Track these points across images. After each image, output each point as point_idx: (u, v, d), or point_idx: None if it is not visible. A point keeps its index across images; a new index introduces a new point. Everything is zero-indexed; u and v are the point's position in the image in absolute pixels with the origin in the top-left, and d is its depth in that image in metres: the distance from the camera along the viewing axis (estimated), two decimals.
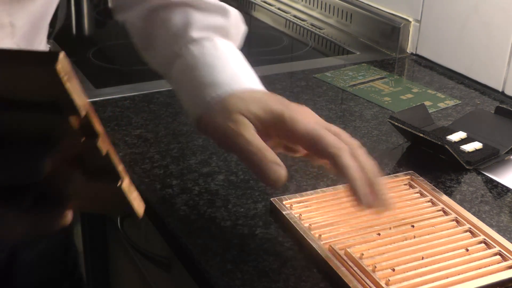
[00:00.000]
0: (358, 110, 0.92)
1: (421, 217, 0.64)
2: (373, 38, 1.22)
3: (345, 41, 1.26)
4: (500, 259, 0.59)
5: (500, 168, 0.77)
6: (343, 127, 0.87)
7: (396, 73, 1.09)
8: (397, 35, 1.16)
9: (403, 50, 1.17)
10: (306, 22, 1.37)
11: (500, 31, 0.99)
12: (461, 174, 0.76)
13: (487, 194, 0.72)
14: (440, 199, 0.67)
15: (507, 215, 0.68)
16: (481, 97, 0.99)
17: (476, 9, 1.02)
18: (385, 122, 0.88)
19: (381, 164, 0.77)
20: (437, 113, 0.92)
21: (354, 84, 1.01)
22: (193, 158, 0.76)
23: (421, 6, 1.13)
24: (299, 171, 0.74)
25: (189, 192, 0.69)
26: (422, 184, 0.70)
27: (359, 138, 0.84)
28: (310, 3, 1.39)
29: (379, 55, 1.17)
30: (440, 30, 1.10)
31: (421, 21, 1.14)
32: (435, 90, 1.01)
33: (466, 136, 0.81)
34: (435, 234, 0.62)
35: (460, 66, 1.07)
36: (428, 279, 0.56)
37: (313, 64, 1.12)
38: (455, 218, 0.64)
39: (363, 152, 0.57)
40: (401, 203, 0.66)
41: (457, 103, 0.96)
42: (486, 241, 0.61)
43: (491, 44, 1.01)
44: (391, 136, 0.84)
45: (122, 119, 0.85)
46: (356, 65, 1.10)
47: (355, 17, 1.26)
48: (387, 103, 0.95)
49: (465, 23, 1.04)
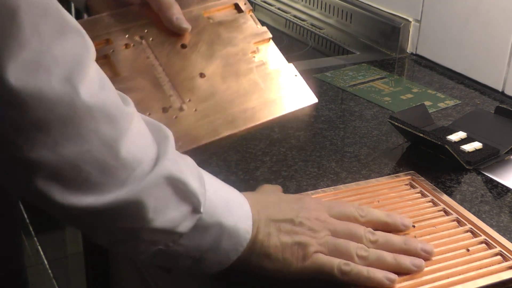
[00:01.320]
0: (358, 110, 0.92)
1: (422, 217, 0.64)
2: (373, 38, 1.22)
3: (345, 41, 1.26)
4: (501, 259, 0.59)
5: (500, 168, 0.77)
6: (343, 127, 0.88)
7: (396, 73, 1.09)
8: (397, 35, 1.16)
9: (403, 50, 1.17)
10: (306, 22, 1.37)
11: (500, 31, 0.99)
12: (461, 174, 0.76)
13: (487, 194, 0.72)
14: (441, 199, 0.67)
15: (507, 215, 0.68)
16: (481, 97, 0.99)
17: (476, 9, 1.02)
18: (385, 122, 0.88)
19: (381, 164, 0.77)
20: (437, 113, 0.92)
21: (354, 84, 1.01)
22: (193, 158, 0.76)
23: (421, 6, 1.13)
24: (299, 171, 0.74)
25: None
26: (423, 184, 0.70)
27: (359, 138, 0.84)
28: (310, 3, 1.39)
29: (379, 55, 1.17)
30: (440, 30, 1.10)
31: (421, 21, 1.14)
32: (435, 90, 1.01)
33: (466, 136, 0.81)
34: (436, 234, 0.61)
35: (460, 66, 1.07)
36: (429, 279, 0.56)
37: (313, 64, 1.12)
38: (456, 218, 0.64)
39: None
40: (402, 203, 0.66)
41: (457, 103, 0.96)
42: (487, 241, 0.61)
43: (491, 44, 1.00)
44: (391, 136, 0.84)
45: None
46: (356, 65, 1.10)
47: (355, 17, 1.26)
48: (387, 103, 0.95)
49: (465, 23, 1.04)
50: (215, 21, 0.69)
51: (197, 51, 0.66)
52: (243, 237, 0.53)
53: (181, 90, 0.63)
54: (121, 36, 0.64)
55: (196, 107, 0.62)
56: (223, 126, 0.62)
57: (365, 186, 0.69)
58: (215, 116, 0.62)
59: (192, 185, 0.50)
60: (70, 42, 0.45)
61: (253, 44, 0.68)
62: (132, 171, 0.47)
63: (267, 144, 0.80)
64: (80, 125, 0.45)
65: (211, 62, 0.65)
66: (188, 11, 0.68)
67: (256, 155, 0.77)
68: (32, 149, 0.44)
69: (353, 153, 0.79)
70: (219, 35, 0.68)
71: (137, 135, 0.49)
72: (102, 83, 0.47)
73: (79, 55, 0.45)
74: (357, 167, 0.76)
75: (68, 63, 0.44)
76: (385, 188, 0.69)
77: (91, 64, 0.46)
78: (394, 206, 0.65)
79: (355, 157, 0.78)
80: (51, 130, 0.44)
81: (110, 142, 0.46)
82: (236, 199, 0.55)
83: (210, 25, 0.68)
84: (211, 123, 0.62)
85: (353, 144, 0.82)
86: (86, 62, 0.46)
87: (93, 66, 0.47)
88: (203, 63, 0.65)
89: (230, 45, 0.67)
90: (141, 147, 0.49)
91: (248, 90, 0.65)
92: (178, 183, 0.50)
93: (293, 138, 0.82)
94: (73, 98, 0.44)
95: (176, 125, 0.60)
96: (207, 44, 0.67)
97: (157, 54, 0.64)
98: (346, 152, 0.80)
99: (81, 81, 0.45)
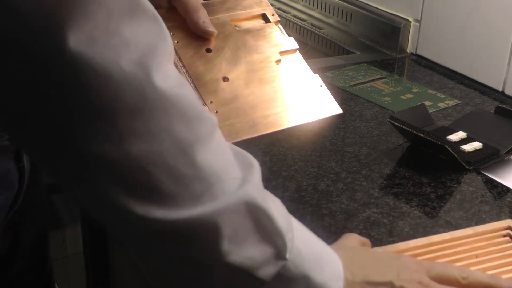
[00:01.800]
0: (358, 110, 0.92)
1: None
2: (373, 38, 1.22)
3: (345, 41, 1.26)
4: None
5: (500, 168, 0.77)
6: (343, 127, 0.88)
7: (396, 73, 1.09)
8: (397, 35, 1.16)
9: (403, 50, 1.17)
10: (306, 22, 1.37)
11: (500, 31, 0.99)
12: (461, 174, 0.76)
13: (487, 194, 0.72)
14: None
15: (507, 215, 0.68)
16: (481, 97, 0.99)
17: (476, 9, 1.02)
18: (385, 122, 0.88)
19: (381, 164, 0.77)
20: (437, 113, 0.92)
21: (354, 84, 1.01)
22: None
23: (421, 6, 1.13)
24: (299, 171, 0.74)
25: None
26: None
27: (359, 138, 0.84)
28: (310, 3, 1.39)
29: (379, 55, 1.17)
30: (440, 30, 1.10)
31: (421, 21, 1.14)
32: (435, 90, 1.01)
33: (466, 136, 0.81)
34: None
35: (460, 66, 1.07)
36: None
37: (313, 64, 1.12)
38: None
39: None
40: (503, 260, 0.59)
41: (457, 103, 0.96)
42: None
43: (491, 44, 1.00)
44: (391, 136, 0.84)
45: None
46: (356, 65, 1.10)
47: (355, 17, 1.26)
48: (387, 103, 0.95)
49: (465, 23, 1.04)
50: (241, 28, 0.69)
51: (221, 56, 0.65)
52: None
53: (203, 92, 0.62)
54: None
55: (217, 109, 0.62)
56: (243, 130, 0.61)
57: (460, 237, 0.62)
58: (236, 120, 0.62)
59: (279, 223, 0.43)
60: (144, 27, 0.39)
61: (279, 53, 0.68)
62: (210, 186, 0.40)
63: (267, 144, 0.80)
64: (151, 119, 0.38)
65: (235, 67, 0.65)
66: (215, 17, 0.67)
67: (256, 155, 0.77)
68: (94, 142, 0.38)
69: (353, 153, 0.79)
70: (245, 42, 0.68)
71: (217, 147, 0.42)
72: (181, 81, 0.41)
73: (154, 43, 0.40)
74: (357, 167, 0.76)
75: (141, 48, 0.39)
76: (482, 240, 0.62)
77: (168, 56, 0.41)
78: (494, 263, 0.59)
79: (355, 157, 0.78)
80: (117, 121, 0.38)
81: (185, 146, 0.40)
82: (327, 255, 0.48)
83: (237, 32, 0.68)
84: (232, 126, 0.61)
85: (353, 144, 0.82)
86: (162, 52, 0.40)
87: (170, 61, 0.41)
88: (227, 68, 0.65)
89: (255, 52, 0.67)
90: (222, 163, 0.42)
91: (272, 97, 0.65)
92: (262, 216, 0.42)
93: (293, 138, 0.82)
94: (144, 85, 0.38)
95: None
96: (232, 50, 0.66)
97: (181, 56, 0.64)
98: (346, 152, 0.80)
99: (155, 69, 0.39)
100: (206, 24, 0.65)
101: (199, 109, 0.42)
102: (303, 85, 0.67)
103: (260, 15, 0.71)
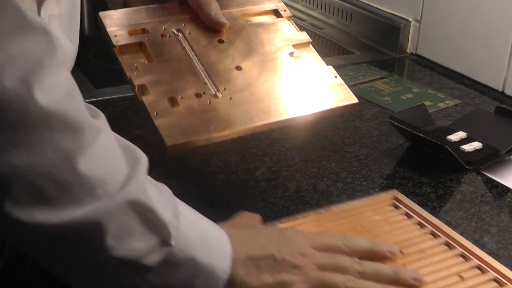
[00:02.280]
0: (358, 110, 0.92)
1: (409, 242, 0.60)
2: (373, 38, 1.22)
3: (345, 41, 1.26)
4: (497, 286, 0.56)
5: (500, 168, 0.77)
6: (343, 127, 0.88)
7: (396, 73, 1.09)
8: (397, 35, 1.16)
9: (403, 50, 1.17)
10: (306, 22, 1.37)
11: (500, 31, 0.99)
12: (461, 174, 0.76)
13: (487, 194, 0.72)
14: (427, 221, 0.63)
15: (507, 215, 0.68)
16: (481, 97, 0.99)
17: (476, 9, 1.02)
18: (385, 122, 0.88)
19: (381, 164, 0.77)
20: (437, 113, 0.92)
21: (354, 84, 1.01)
22: (193, 158, 0.76)
23: (421, 6, 1.13)
24: (299, 171, 0.74)
25: (189, 192, 0.69)
26: (407, 205, 0.66)
27: (359, 138, 0.84)
28: (310, 3, 1.39)
29: (379, 55, 1.17)
30: (440, 30, 1.10)
31: (421, 21, 1.14)
32: (435, 90, 1.01)
33: (466, 136, 0.81)
34: (426, 261, 0.58)
35: (460, 66, 1.07)
36: None
37: None
38: (446, 241, 0.61)
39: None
40: (387, 227, 0.62)
41: (457, 103, 0.96)
42: (480, 266, 0.58)
43: (491, 44, 1.01)
44: (391, 136, 0.84)
45: (122, 119, 0.85)
46: (356, 65, 1.10)
47: (355, 17, 1.26)
48: (387, 103, 0.95)
49: (465, 23, 1.04)
50: (253, 22, 0.69)
51: (234, 47, 0.65)
52: (219, 277, 0.49)
53: (216, 80, 0.61)
54: (158, 27, 0.64)
55: (231, 95, 0.61)
56: (258, 116, 0.60)
57: (347, 210, 0.65)
58: (250, 106, 0.61)
59: (162, 214, 0.47)
60: (31, 42, 0.41)
61: (291, 46, 0.67)
62: (91, 190, 0.44)
63: (267, 144, 0.80)
64: (32, 132, 0.41)
65: (248, 58, 0.65)
66: (227, 12, 0.67)
67: (256, 155, 0.77)
68: None
69: (353, 153, 0.79)
70: (257, 34, 0.67)
71: (102, 152, 0.45)
72: (69, 91, 0.44)
73: (40, 58, 0.42)
74: (357, 167, 0.76)
75: (26, 64, 0.41)
76: (368, 211, 0.65)
77: (56, 69, 0.43)
78: (379, 230, 0.62)
79: (355, 157, 0.78)
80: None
81: (67, 155, 0.43)
82: (215, 235, 0.51)
83: (249, 25, 0.68)
84: (247, 111, 0.60)
85: (353, 144, 0.82)
86: (48, 65, 0.42)
87: (59, 72, 0.43)
88: (240, 58, 0.64)
89: (268, 44, 0.67)
90: (106, 166, 0.45)
91: (286, 85, 0.64)
92: (145, 211, 0.46)
93: (293, 138, 0.82)
94: (26, 101, 0.40)
95: (211, 110, 0.59)
96: (245, 42, 0.66)
97: (193, 46, 0.64)
98: (346, 152, 0.80)
99: (38, 84, 0.41)
100: (218, 15, 0.65)
101: (84, 118, 0.44)
102: (318, 76, 0.66)
103: (272, 11, 0.71)
